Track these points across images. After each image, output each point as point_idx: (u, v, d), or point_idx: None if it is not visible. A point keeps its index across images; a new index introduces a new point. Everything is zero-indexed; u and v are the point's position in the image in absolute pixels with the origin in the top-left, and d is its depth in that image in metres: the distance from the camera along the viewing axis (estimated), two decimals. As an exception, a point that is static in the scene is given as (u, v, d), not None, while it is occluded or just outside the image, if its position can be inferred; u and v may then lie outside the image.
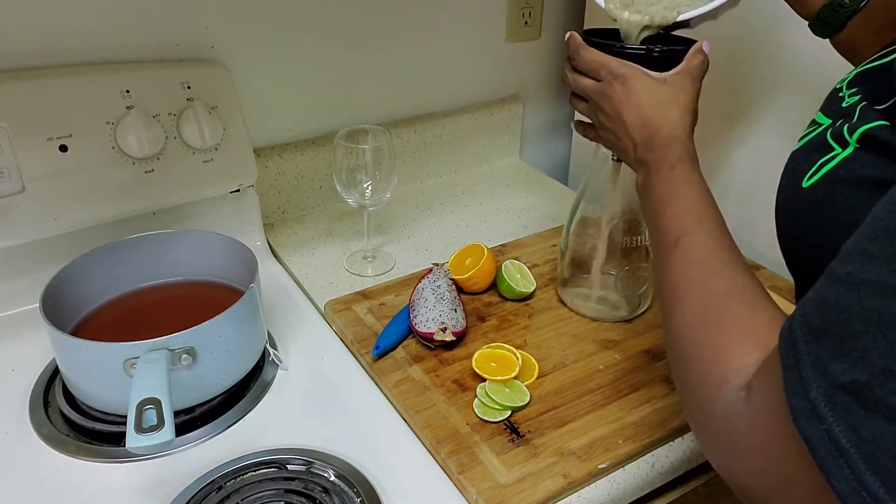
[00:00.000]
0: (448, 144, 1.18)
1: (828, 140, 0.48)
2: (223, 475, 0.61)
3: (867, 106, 0.46)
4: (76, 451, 0.65)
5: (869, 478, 0.32)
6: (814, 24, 0.63)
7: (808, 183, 0.48)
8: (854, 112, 0.47)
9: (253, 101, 0.96)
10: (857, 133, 0.44)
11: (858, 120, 0.45)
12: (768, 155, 0.93)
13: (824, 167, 0.47)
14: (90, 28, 0.82)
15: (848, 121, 0.46)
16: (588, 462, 0.64)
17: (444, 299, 0.80)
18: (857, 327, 0.34)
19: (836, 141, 0.47)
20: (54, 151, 0.76)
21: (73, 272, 0.73)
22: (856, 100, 0.48)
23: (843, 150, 0.46)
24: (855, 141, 0.45)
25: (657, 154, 0.57)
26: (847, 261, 0.36)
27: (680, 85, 0.59)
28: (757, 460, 0.40)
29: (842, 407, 0.34)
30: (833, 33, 0.62)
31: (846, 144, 0.45)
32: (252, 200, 0.94)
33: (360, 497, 0.59)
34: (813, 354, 0.35)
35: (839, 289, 0.36)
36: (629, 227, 0.79)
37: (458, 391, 0.72)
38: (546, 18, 1.20)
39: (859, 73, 0.51)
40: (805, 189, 0.48)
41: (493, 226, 1.06)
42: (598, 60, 0.61)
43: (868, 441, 0.33)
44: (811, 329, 0.36)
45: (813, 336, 0.36)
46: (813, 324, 0.36)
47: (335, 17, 0.99)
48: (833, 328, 0.35)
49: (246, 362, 0.73)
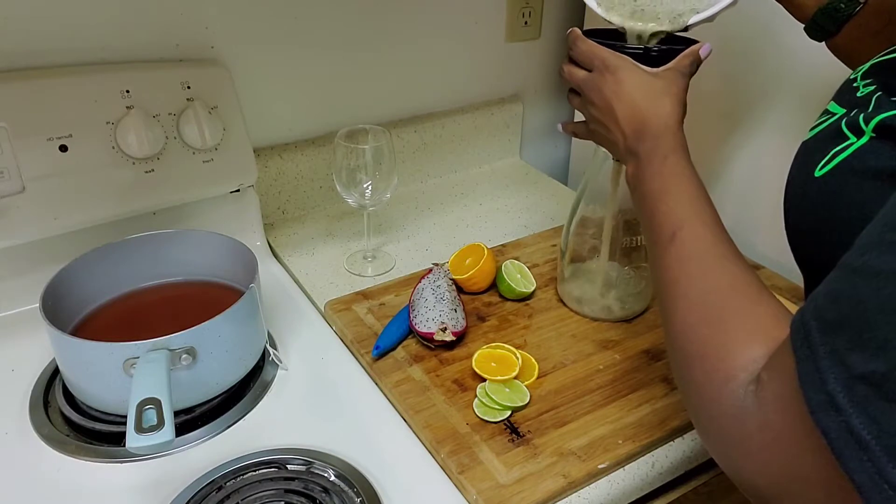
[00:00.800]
0: (448, 144, 1.18)
1: (842, 129, 0.46)
2: (223, 475, 0.61)
3: (883, 96, 0.45)
4: (76, 451, 0.65)
5: (892, 470, 0.31)
6: (809, 27, 0.63)
7: (820, 172, 0.47)
8: (870, 101, 0.46)
9: (253, 101, 0.96)
10: (874, 122, 0.43)
11: (874, 109, 0.44)
12: (768, 155, 0.93)
13: (838, 156, 0.46)
14: (90, 28, 0.82)
15: (863, 110, 0.45)
16: (588, 462, 0.64)
17: (444, 299, 0.80)
18: (877, 317, 0.33)
19: (851, 130, 0.46)
20: (54, 151, 0.76)
21: (73, 272, 0.73)
22: (871, 90, 0.47)
23: (857, 140, 0.45)
24: (871, 130, 0.44)
25: (648, 145, 0.56)
26: (863, 252, 0.35)
27: (670, 78, 0.59)
28: (770, 458, 0.39)
29: (861, 398, 0.33)
30: (829, 37, 0.62)
31: (861, 133, 0.44)
32: (252, 200, 0.94)
33: (360, 497, 0.59)
34: (829, 346, 0.34)
35: (855, 280, 0.35)
36: (629, 227, 0.79)
37: (458, 391, 0.72)
38: (546, 18, 1.20)
39: (875, 63, 0.50)
40: (817, 179, 0.47)
41: (493, 226, 1.06)
42: (592, 51, 0.61)
43: (890, 433, 0.32)
44: (826, 321, 0.35)
45: (828, 327, 0.35)
46: (827, 315, 0.35)
47: (335, 17, 0.99)
48: (850, 319, 0.34)
49: (246, 362, 0.73)
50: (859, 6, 0.58)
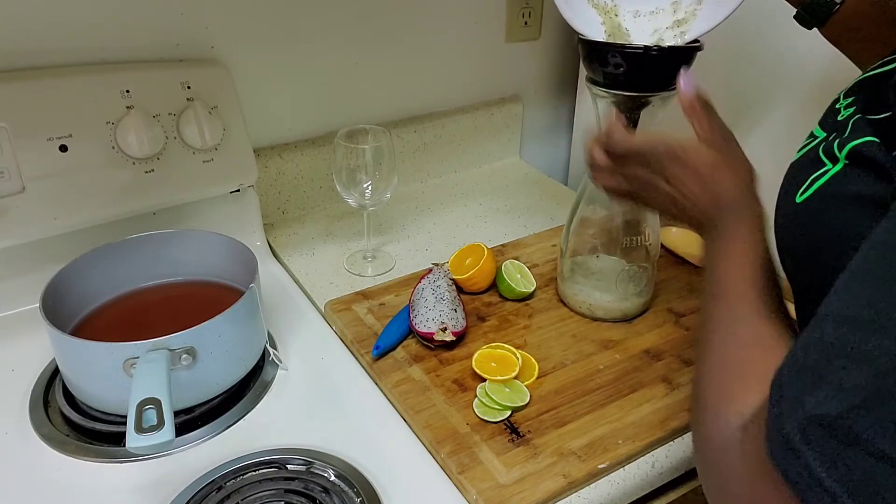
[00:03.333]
0: (448, 144, 1.18)
1: (819, 155, 0.48)
2: (223, 475, 0.61)
3: (861, 119, 0.46)
4: (76, 451, 0.65)
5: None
6: (797, 15, 0.63)
7: (801, 198, 0.48)
8: (847, 126, 0.47)
9: (253, 101, 0.96)
10: (846, 149, 0.45)
11: (849, 135, 0.45)
12: (767, 156, 0.93)
13: (816, 182, 0.47)
14: (90, 28, 0.82)
15: (840, 135, 0.46)
16: (588, 462, 0.64)
17: (444, 299, 0.80)
18: (836, 362, 0.34)
19: (826, 156, 0.47)
20: (54, 151, 0.76)
21: (73, 272, 0.73)
22: (850, 112, 0.48)
23: (833, 166, 0.46)
24: (844, 157, 0.45)
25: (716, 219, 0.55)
26: (832, 300, 0.37)
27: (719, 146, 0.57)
28: (748, 498, 0.40)
29: (816, 440, 0.34)
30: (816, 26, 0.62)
31: (836, 160, 0.46)
32: (252, 200, 0.94)
33: (360, 497, 0.59)
34: (794, 389, 0.36)
35: (824, 325, 0.36)
36: (629, 227, 0.79)
37: (458, 391, 0.72)
38: (546, 18, 1.20)
39: (860, 80, 0.50)
40: (799, 204, 0.48)
41: (493, 226, 1.06)
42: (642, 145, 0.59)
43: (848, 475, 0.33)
44: (795, 366, 0.37)
45: (795, 372, 0.37)
46: (797, 361, 0.37)
47: (335, 17, 0.99)
48: (814, 363, 0.36)
49: (246, 362, 0.73)
50: (836, 6, 0.58)
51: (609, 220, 0.79)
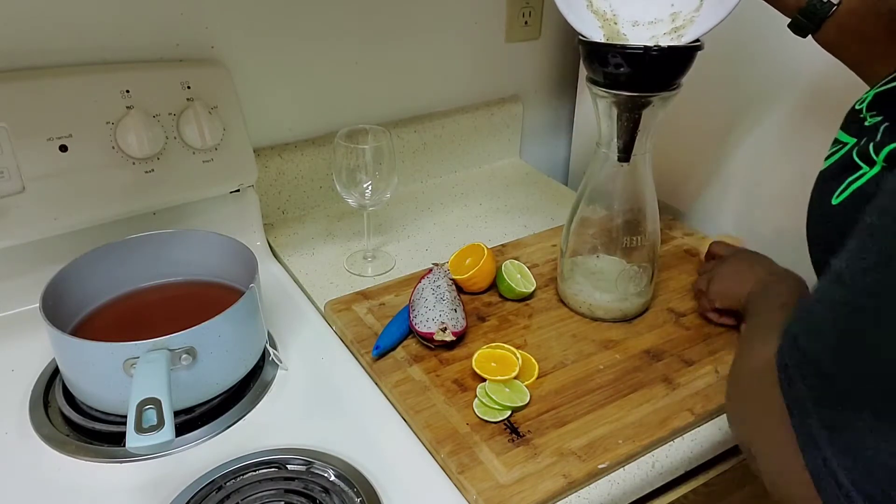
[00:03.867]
0: (448, 144, 1.18)
1: (854, 159, 0.50)
2: (223, 475, 0.61)
3: (891, 126, 0.48)
4: (76, 451, 0.65)
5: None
6: (791, 24, 0.64)
7: (837, 200, 0.51)
8: (877, 130, 0.49)
9: (253, 101, 0.96)
10: (885, 152, 0.46)
11: (883, 138, 0.47)
12: (767, 155, 0.93)
13: (852, 185, 0.49)
14: (90, 28, 0.82)
15: (873, 139, 0.48)
16: (588, 462, 0.64)
17: (444, 299, 0.80)
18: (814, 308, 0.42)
19: (862, 160, 0.49)
20: (54, 151, 0.76)
21: (73, 272, 0.73)
22: (878, 120, 0.50)
23: (870, 169, 0.48)
24: (882, 160, 0.47)
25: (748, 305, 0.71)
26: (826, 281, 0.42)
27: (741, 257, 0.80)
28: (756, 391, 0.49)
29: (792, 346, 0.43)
30: (811, 33, 0.63)
31: (873, 163, 0.48)
32: (252, 200, 0.94)
33: (360, 497, 0.59)
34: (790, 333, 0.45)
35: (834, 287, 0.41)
36: (629, 227, 0.79)
37: (458, 391, 0.72)
38: (546, 18, 1.20)
39: (878, 94, 0.52)
40: (835, 206, 0.51)
41: (493, 226, 1.06)
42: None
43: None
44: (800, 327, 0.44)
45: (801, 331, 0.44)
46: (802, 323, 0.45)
47: (335, 17, 0.99)
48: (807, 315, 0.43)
49: (246, 362, 0.72)
50: (833, 7, 0.59)
51: (609, 220, 0.79)
